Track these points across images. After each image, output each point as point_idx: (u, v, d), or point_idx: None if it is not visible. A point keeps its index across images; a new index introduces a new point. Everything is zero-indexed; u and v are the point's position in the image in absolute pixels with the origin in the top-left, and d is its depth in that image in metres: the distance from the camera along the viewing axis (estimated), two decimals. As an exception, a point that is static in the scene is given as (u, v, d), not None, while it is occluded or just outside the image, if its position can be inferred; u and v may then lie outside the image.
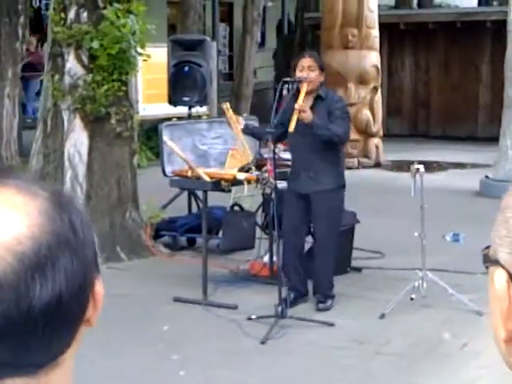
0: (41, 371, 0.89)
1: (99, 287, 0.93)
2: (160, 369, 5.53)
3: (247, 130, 6.96)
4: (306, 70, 6.58)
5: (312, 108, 6.51)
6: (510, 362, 0.90)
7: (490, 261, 0.89)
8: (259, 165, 6.87)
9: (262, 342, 5.95)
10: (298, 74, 6.60)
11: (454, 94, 18.35)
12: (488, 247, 0.90)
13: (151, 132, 13.57)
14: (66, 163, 8.33)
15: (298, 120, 6.32)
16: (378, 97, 14.89)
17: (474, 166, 14.49)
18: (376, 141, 14.82)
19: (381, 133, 15.02)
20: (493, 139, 13.16)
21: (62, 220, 0.88)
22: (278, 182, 6.50)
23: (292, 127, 6.28)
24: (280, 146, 7.14)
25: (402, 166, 13.50)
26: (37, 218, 0.86)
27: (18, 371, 0.87)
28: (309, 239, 7.08)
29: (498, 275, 0.88)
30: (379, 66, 14.92)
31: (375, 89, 14.78)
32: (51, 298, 0.85)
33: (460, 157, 15.47)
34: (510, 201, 0.88)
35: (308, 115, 6.36)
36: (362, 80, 14.55)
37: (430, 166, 12.40)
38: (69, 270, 0.87)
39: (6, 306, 0.83)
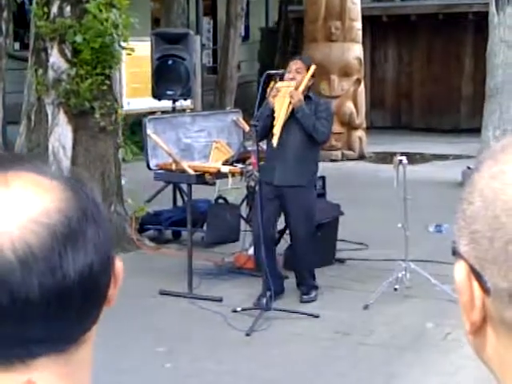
0: (71, 347, 0.91)
1: (118, 263, 0.96)
2: (146, 361, 5.56)
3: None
4: (293, 72, 6.74)
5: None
6: (479, 353, 0.90)
7: (456, 254, 0.88)
8: (243, 158, 6.91)
9: (248, 334, 6.00)
10: (286, 75, 6.75)
11: (436, 85, 18.42)
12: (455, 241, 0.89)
13: (135, 126, 13.56)
14: (51, 157, 8.33)
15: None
16: (362, 89, 14.94)
17: (457, 157, 14.57)
18: (359, 133, 14.88)
19: (364, 125, 15.07)
20: (475, 131, 13.23)
21: (84, 194, 0.91)
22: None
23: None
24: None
25: (386, 158, 13.55)
26: (62, 193, 0.89)
27: (53, 346, 0.89)
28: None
29: (458, 268, 0.87)
30: (362, 58, 14.98)
31: (358, 81, 14.83)
32: (83, 268, 0.87)
33: (443, 148, 15.55)
34: (467, 192, 0.88)
35: (299, 100, 6.53)
36: (345, 72, 14.59)
37: (412, 158, 12.48)
38: (97, 242, 0.89)
39: (41, 277, 0.84)
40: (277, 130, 6.54)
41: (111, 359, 5.45)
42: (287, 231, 7.19)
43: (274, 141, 6.52)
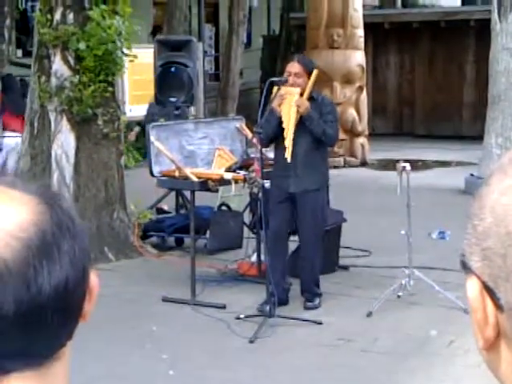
0: (45, 363, 0.90)
1: (94, 278, 0.94)
2: (149, 368, 5.55)
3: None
4: (293, 76, 6.61)
5: None
6: (493, 370, 0.90)
7: (465, 268, 0.88)
8: (246, 165, 6.91)
9: (251, 341, 5.98)
10: (289, 79, 6.67)
11: (438, 92, 18.42)
12: (464, 254, 0.88)
13: (138, 133, 13.56)
14: (53, 164, 8.34)
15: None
16: (364, 96, 14.94)
17: (459, 164, 14.56)
18: (362, 140, 14.87)
19: (366, 132, 15.07)
20: (477, 137, 13.24)
21: (60, 208, 0.90)
22: (265, 181, 6.54)
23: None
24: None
25: (388, 165, 13.56)
26: (36, 207, 0.88)
27: (26, 362, 0.88)
28: (296, 238, 7.11)
29: (471, 284, 0.86)
30: (364, 65, 14.98)
31: (360, 88, 14.84)
32: (59, 282, 0.86)
33: (445, 155, 15.54)
34: (477, 208, 0.87)
35: (306, 108, 6.50)
36: (347, 79, 14.60)
37: (415, 165, 12.44)
38: (72, 256, 0.88)
39: (17, 292, 0.84)
40: (288, 144, 6.49)
41: (114, 366, 5.45)
42: (291, 237, 7.16)
43: (288, 154, 6.48)
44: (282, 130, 6.56)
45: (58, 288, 0.86)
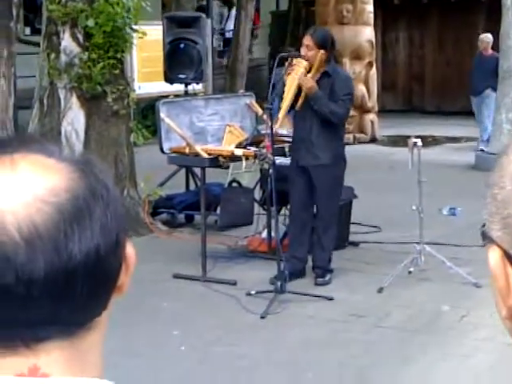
0: (79, 331, 0.89)
1: (130, 250, 0.93)
2: (161, 344, 5.57)
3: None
4: (304, 48, 6.63)
5: (318, 83, 6.59)
6: None
7: (486, 238, 0.88)
8: (257, 141, 6.89)
9: (262, 317, 5.99)
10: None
11: (448, 68, 18.33)
12: (485, 225, 0.89)
13: (147, 110, 13.55)
14: (63, 142, 8.33)
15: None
16: (373, 72, 14.89)
17: (469, 139, 14.51)
18: (371, 116, 14.83)
19: (376, 108, 15.02)
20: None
21: (95, 175, 0.89)
22: (275, 157, 6.53)
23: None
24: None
25: (398, 141, 13.53)
26: (70, 174, 0.87)
27: (57, 330, 0.87)
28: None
29: (492, 253, 0.86)
30: (374, 41, 14.91)
31: (370, 64, 14.77)
32: (90, 249, 0.85)
33: (455, 131, 15.49)
34: (497, 177, 0.87)
35: (311, 87, 6.49)
36: (356, 55, 14.53)
37: (425, 141, 12.38)
38: (104, 223, 0.87)
39: (47, 257, 0.83)
40: (281, 115, 6.52)
41: (125, 343, 5.47)
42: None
43: (277, 125, 6.55)
44: (295, 100, 6.57)
45: (89, 255, 0.85)
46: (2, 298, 0.83)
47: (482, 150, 12.00)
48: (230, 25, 21.94)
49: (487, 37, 13.13)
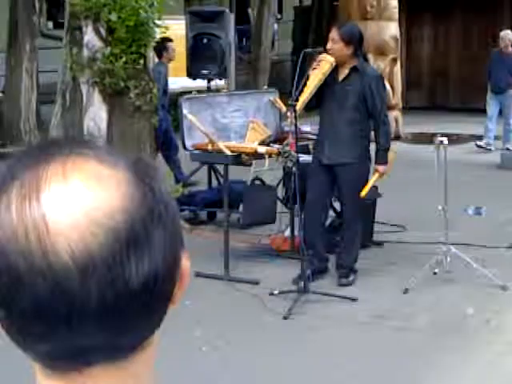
0: (128, 355, 0.84)
1: (186, 262, 0.88)
2: (182, 344, 5.50)
3: None
4: (330, 41, 6.57)
5: (347, 78, 6.55)
6: None
7: None
8: (280, 138, 6.81)
9: (285, 317, 5.91)
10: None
11: (473, 64, 18.14)
12: None
13: (169, 106, 13.47)
14: (86, 138, 8.28)
15: (334, 89, 6.49)
16: (397, 68, 14.75)
17: (495, 138, 14.33)
18: (395, 113, 14.68)
19: (400, 105, 14.88)
20: (513, 111, 13.01)
21: (152, 191, 0.81)
22: (299, 155, 6.44)
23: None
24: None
25: (422, 139, 13.39)
26: (127, 191, 0.79)
27: (109, 355, 0.82)
28: (330, 214, 7.02)
29: None
30: (398, 36, 14.77)
31: (394, 60, 14.63)
32: (148, 276, 0.79)
33: (480, 129, 15.30)
34: None
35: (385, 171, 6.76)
36: (380, 51, 14.39)
37: (450, 139, 12.24)
38: (163, 246, 0.81)
39: (102, 286, 0.77)
40: (298, 107, 6.35)
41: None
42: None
43: (290, 118, 6.42)
44: (320, 95, 6.47)
45: (147, 283, 0.79)
46: (56, 327, 0.79)
47: (508, 149, 11.84)
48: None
49: (508, 34, 12.95)
